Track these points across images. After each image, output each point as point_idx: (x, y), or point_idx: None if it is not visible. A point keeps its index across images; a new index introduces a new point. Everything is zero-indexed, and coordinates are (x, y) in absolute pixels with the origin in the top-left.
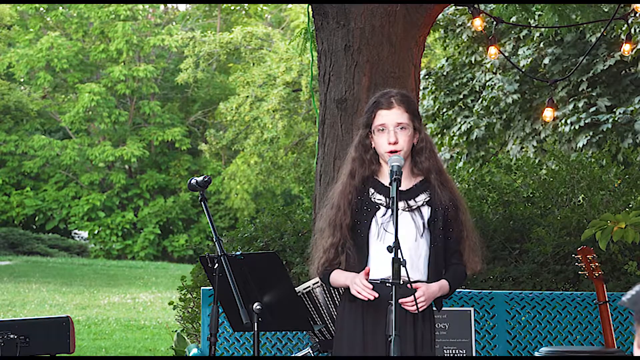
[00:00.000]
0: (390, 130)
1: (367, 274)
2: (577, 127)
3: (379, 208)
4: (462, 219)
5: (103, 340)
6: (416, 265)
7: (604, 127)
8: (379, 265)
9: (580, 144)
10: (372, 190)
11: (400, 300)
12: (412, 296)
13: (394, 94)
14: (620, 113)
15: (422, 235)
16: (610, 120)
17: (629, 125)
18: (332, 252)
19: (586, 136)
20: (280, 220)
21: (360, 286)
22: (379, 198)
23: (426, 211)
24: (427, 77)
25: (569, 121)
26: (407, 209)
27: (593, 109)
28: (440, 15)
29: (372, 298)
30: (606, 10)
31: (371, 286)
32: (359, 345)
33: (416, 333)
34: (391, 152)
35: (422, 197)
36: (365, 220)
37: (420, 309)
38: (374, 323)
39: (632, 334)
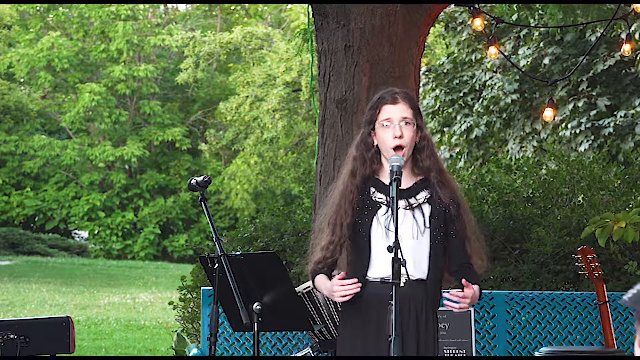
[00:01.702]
0: (396, 124)
1: (342, 279)
2: (577, 131)
3: (380, 207)
4: (466, 218)
5: (103, 340)
6: (418, 264)
7: (605, 132)
8: (381, 265)
9: (581, 148)
10: (373, 189)
11: (449, 301)
12: (462, 291)
13: (397, 90)
14: (621, 116)
15: (423, 234)
16: (612, 124)
17: (629, 128)
18: (329, 250)
19: (587, 140)
20: (280, 220)
21: (340, 289)
22: (380, 197)
23: (427, 209)
24: (427, 73)
25: (569, 125)
26: (408, 207)
27: (594, 111)
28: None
29: (357, 290)
30: (608, 8)
31: (351, 281)
32: (361, 347)
33: (419, 333)
34: (396, 146)
35: (422, 195)
36: (367, 219)
37: (462, 309)
38: (377, 326)
39: (632, 333)
